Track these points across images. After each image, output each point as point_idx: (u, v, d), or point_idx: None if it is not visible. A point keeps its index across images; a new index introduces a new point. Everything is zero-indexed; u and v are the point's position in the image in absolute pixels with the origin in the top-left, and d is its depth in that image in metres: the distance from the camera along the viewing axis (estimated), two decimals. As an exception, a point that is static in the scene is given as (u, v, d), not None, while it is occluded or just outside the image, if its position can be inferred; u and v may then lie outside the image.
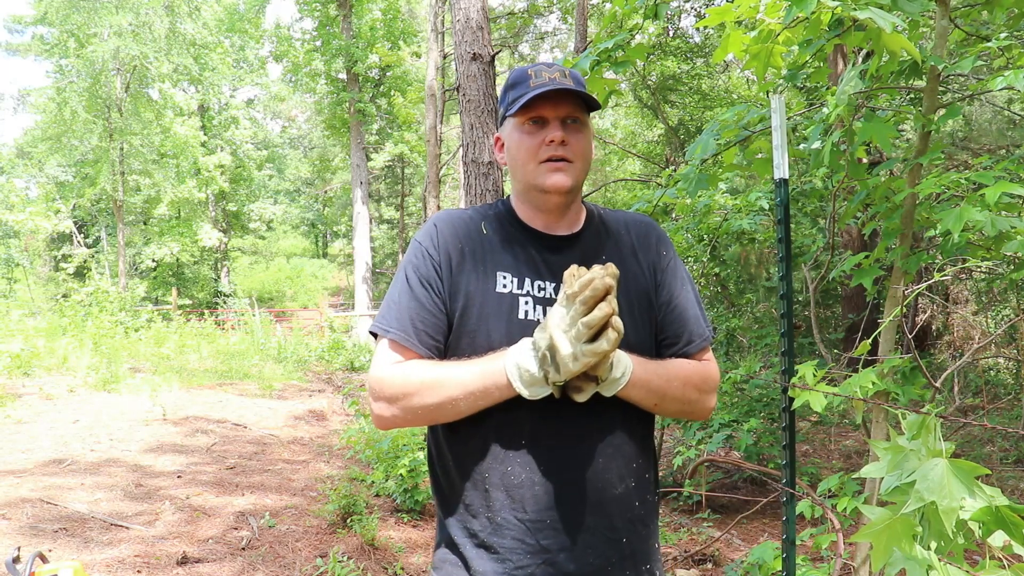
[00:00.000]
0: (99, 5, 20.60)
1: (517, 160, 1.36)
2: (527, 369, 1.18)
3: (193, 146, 23.98)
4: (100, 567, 4.00)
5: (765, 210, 4.78)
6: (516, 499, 1.27)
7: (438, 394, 1.23)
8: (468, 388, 1.22)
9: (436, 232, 1.36)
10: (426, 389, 1.24)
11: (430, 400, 1.24)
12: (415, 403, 1.25)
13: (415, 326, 1.29)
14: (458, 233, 1.36)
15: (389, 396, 1.27)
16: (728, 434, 5.01)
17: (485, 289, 1.31)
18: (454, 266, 1.33)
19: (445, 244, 1.34)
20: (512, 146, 1.36)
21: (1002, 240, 1.97)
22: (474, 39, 5.16)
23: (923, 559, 1.20)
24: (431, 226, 1.38)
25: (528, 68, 1.37)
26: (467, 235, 1.36)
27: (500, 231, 1.38)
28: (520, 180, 1.37)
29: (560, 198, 1.35)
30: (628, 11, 2.44)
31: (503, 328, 1.29)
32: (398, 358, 1.29)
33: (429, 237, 1.36)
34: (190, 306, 23.16)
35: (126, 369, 11.10)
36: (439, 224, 1.38)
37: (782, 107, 1.95)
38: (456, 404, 1.23)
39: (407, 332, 1.29)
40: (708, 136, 2.38)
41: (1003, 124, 6.78)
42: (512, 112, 1.33)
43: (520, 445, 1.28)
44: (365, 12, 19.15)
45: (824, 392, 1.90)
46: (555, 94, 1.31)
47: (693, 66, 11.94)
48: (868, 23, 1.68)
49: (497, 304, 1.30)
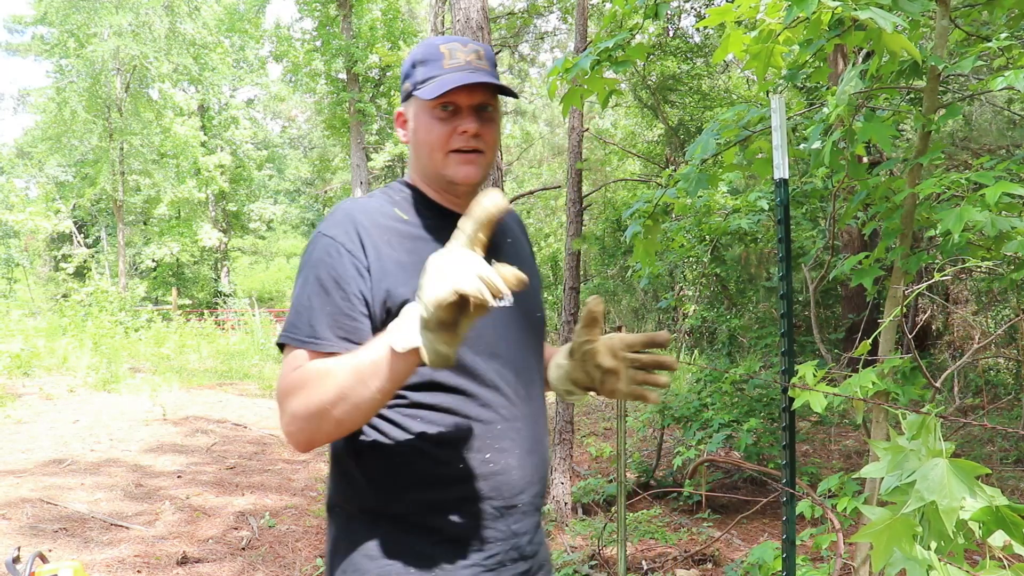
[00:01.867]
0: (99, 5, 20.60)
1: (424, 146, 1.26)
2: None
3: (193, 146, 23.98)
4: (100, 567, 4.00)
5: (765, 210, 4.79)
6: (493, 486, 1.22)
7: (340, 388, 1.07)
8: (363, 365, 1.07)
9: (352, 224, 1.20)
10: (330, 385, 1.08)
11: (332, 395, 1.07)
12: (326, 399, 1.08)
13: (335, 333, 1.14)
14: (377, 223, 1.22)
15: (297, 401, 1.11)
16: (728, 434, 5.01)
17: (418, 279, 1.18)
18: (382, 260, 1.19)
19: (365, 238, 1.19)
20: (419, 130, 1.26)
21: (1002, 240, 1.97)
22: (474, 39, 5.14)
23: (923, 559, 1.20)
24: (343, 217, 1.21)
25: (440, 43, 1.26)
26: (385, 224, 1.23)
27: (418, 216, 1.27)
28: (427, 167, 1.28)
29: (469, 188, 1.28)
30: (628, 11, 2.43)
31: None
32: (306, 361, 1.15)
33: (344, 231, 1.19)
34: (190, 306, 23.16)
35: (126, 369, 11.10)
36: (353, 215, 1.22)
37: (782, 107, 1.95)
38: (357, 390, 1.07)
39: (327, 340, 1.14)
40: (708, 136, 2.38)
41: (1003, 124, 6.78)
42: (423, 95, 1.22)
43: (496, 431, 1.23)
44: (365, 12, 19.14)
45: (824, 392, 1.90)
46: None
47: (693, 66, 11.93)
48: (869, 23, 1.68)
49: None
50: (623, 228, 2.84)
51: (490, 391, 1.24)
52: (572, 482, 5.30)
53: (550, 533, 4.84)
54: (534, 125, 24.31)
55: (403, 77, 1.32)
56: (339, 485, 1.27)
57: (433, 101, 1.23)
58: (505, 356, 1.27)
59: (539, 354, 1.37)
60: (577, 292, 5.52)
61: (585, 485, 5.43)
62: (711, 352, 10.06)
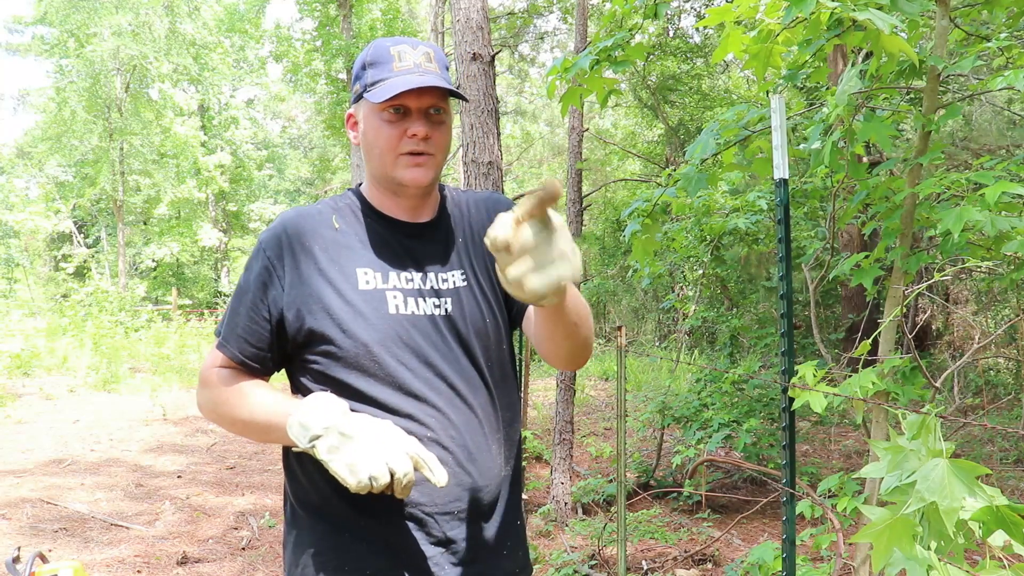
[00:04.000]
0: (99, 5, 20.60)
1: (374, 149, 1.27)
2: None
3: (193, 146, 23.98)
4: (100, 567, 4.00)
5: (764, 210, 4.78)
6: (422, 492, 1.22)
7: (235, 412, 1.24)
8: (256, 420, 1.21)
9: (282, 232, 1.26)
10: (229, 403, 1.25)
11: (228, 413, 1.25)
12: (221, 411, 1.27)
13: (235, 333, 1.26)
14: (305, 231, 1.26)
15: (203, 395, 1.29)
16: (728, 434, 5.01)
17: (344, 288, 1.23)
18: (301, 268, 1.24)
19: (289, 245, 1.25)
20: (369, 132, 1.27)
21: (1002, 240, 1.97)
22: (474, 39, 5.16)
23: (923, 559, 1.20)
24: (276, 225, 1.28)
25: (391, 45, 1.26)
26: (315, 232, 1.26)
27: (354, 223, 1.30)
28: (377, 169, 1.29)
29: (418, 191, 1.28)
30: (628, 11, 2.44)
31: (374, 326, 1.21)
32: (221, 361, 1.28)
33: (273, 238, 1.26)
34: (190, 306, 23.16)
35: (126, 369, 11.11)
36: (285, 223, 1.27)
37: (782, 107, 1.95)
38: (247, 429, 1.24)
39: (227, 340, 1.26)
40: (708, 136, 2.38)
41: (1003, 124, 6.77)
42: (372, 98, 1.23)
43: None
44: (365, 12, 19.13)
45: (824, 392, 1.90)
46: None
47: (693, 66, 11.94)
48: (867, 24, 1.68)
49: (362, 302, 1.22)
50: (623, 228, 2.83)
51: (416, 402, 1.22)
52: (572, 482, 5.29)
53: (550, 533, 4.84)
54: (534, 125, 24.31)
55: (354, 79, 1.31)
56: (287, 478, 1.32)
57: (382, 104, 1.23)
58: (438, 364, 1.25)
59: (487, 359, 1.32)
60: (577, 292, 5.51)
61: (585, 485, 5.43)
62: (711, 352, 10.06)
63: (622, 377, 3.30)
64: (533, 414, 8.57)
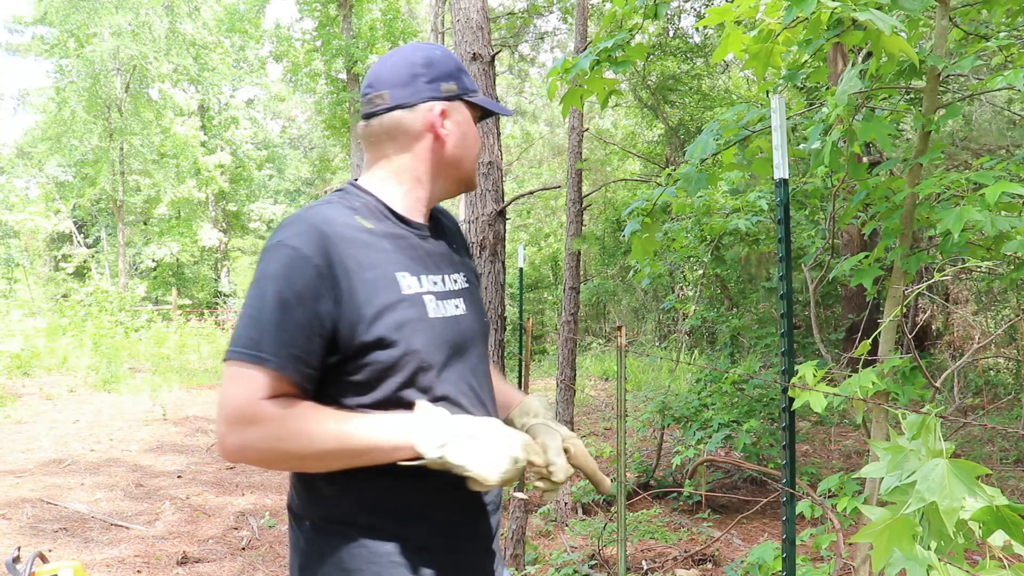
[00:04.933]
0: (99, 5, 20.59)
1: (468, 151, 1.33)
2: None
3: (193, 146, 23.96)
4: (100, 567, 4.00)
5: (765, 210, 4.78)
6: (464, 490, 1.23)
7: (313, 444, 1.08)
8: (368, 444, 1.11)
9: (323, 237, 1.13)
10: (302, 434, 1.08)
11: (300, 448, 1.08)
12: (287, 447, 1.08)
13: (289, 352, 1.09)
14: (344, 236, 1.15)
15: (252, 434, 1.06)
16: (728, 434, 5.01)
17: (389, 294, 1.16)
18: (351, 277, 1.13)
19: (336, 251, 1.13)
20: (469, 134, 1.33)
21: (1002, 240, 1.97)
22: (474, 39, 5.16)
23: (923, 559, 1.20)
24: (308, 229, 1.14)
25: (456, 58, 1.35)
26: (352, 237, 1.16)
27: (380, 225, 1.23)
28: (458, 170, 1.33)
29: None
30: (628, 11, 2.43)
31: (420, 332, 1.18)
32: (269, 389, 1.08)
33: (309, 243, 1.12)
34: (190, 306, 23.14)
35: (126, 369, 11.11)
36: (319, 226, 1.14)
37: (782, 107, 1.95)
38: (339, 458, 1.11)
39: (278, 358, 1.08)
40: (707, 136, 2.38)
41: (1003, 124, 6.77)
42: (471, 100, 1.32)
43: None
44: (365, 12, 19.13)
45: (824, 392, 1.90)
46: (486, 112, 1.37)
47: (693, 66, 11.93)
48: (867, 24, 1.68)
49: (408, 308, 1.18)
50: (623, 228, 2.84)
51: (451, 405, 1.21)
52: (572, 482, 5.29)
53: (550, 533, 4.84)
54: (534, 125, 24.30)
55: (446, 75, 1.31)
56: (302, 495, 1.23)
57: (475, 111, 1.35)
58: (467, 365, 1.28)
59: (487, 358, 1.40)
60: (577, 292, 5.52)
61: (585, 485, 5.43)
62: (711, 352, 10.06)
63: (622, 377, 3.30)
64: (533, 414, 8.55)
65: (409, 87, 1.27)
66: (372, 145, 1.31)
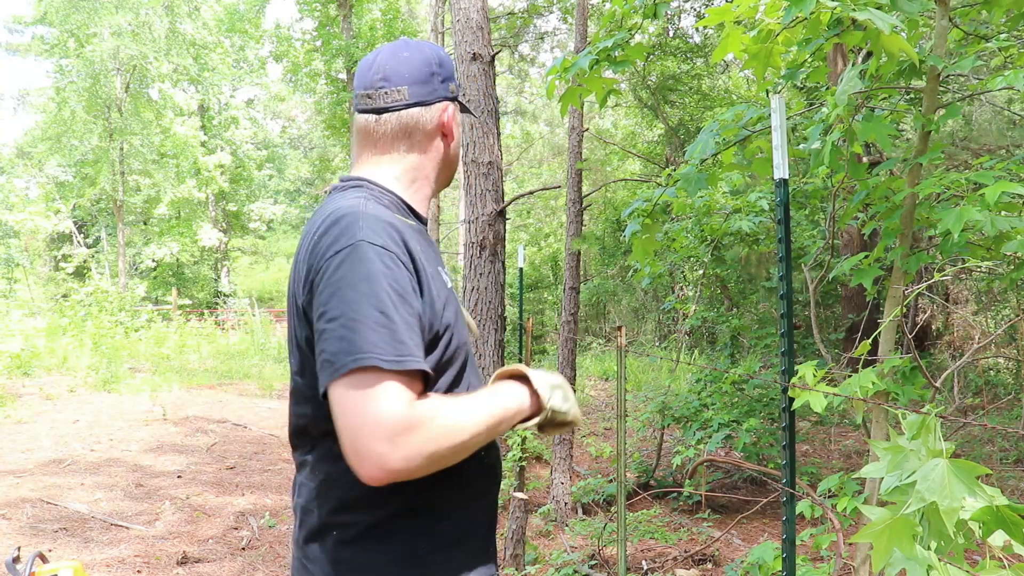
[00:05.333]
0: (99, 5, 20.59)
1: (459, 150, 1.37)
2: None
3: (193, 146, 23.96)
4: (100, 567, 4.00)
5: (765, 210, 4.78)
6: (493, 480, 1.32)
7: (471, 430, 1.08)
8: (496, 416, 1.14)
9: (397, 233, 1.13)
10: (459, 426, 1.06)
11: (463, 438, 1.07)
12: (453, 441, 1.05)
13: (419, 347, 1.07)
14: (403, 229, 1.16)
15: (417, 440, 1.01)
16: (728, 434, 5.01)
17: (440, 287, 1.20)
18: (420, 270, 1.14)
19: (412, 248, 1.14)
20: (458, 134, 1.36)
21: (1002, 240, 1.97)
22: (474, 39, 5.16)
23: (923, 559, 1.20)
24: (383, 226, 1.12)
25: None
26: (408, 231, 1.18)
27: (410, 222, 1.24)
28: (452, 168, 1.36)
29: None
30: (627, 11, 2.43)
31: (462, 325, 1.24)
32: (412, 388, 1.04)
33: (391, 240, 1.11)
34: (190, 306, 23.14)
35: (126, 369, 11.10)
36: (387, 220, 1.14)
37: (782, 107, 1.95)
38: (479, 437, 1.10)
39: (416, 357, 1.05)
40: (707, 136, 2.38)
41: (1003, 124, 6.77)
42: (462, 100, 1.35)
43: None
44: (365, 12, 19.13)
45: (824, 392, 1.90)
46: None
47: (693, 66, 11.93)
48: (867, 23, 1.68)
49: (453, 301, 1.23)
50: (623, 228, 2.84)
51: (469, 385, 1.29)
52: (572, 482, 5.29)
53: (550, 533, 4.84)
54: (534, 125, 24.30)
55: (452, 75, 1.32)
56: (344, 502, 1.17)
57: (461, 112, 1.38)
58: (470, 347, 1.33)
59: None
60: (577, 292, 5.52)
61: (585, 485, 5.43)
62: (711, 352, 10.06)
63: (622, 377, 3.30)
64: (533, 414, 8.56)
65: (428, 85, 1.28)
66: (381, 141, 1.27)
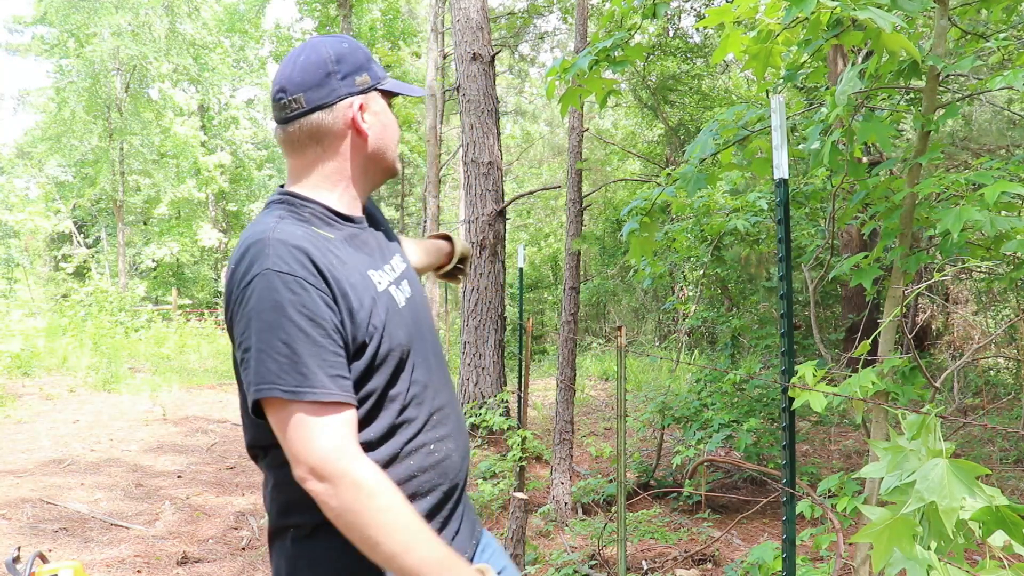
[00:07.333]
0: (99, 5, 20.58)
1: (389, 140, 1.32)
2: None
3: (193, 146, 23.97)
4: (100, 567, 4.00)
5: (764, 210, 4.78)
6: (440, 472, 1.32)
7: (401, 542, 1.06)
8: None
9: (300, 254, 1.11)
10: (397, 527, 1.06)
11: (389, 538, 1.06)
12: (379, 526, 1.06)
13: (327, 373, 1.08)
14: (321, 249, 1.15)
15: (346, 498, 1.05)
16: (728, 434, 5.01)
17: (369, 294, 1.19)
18: (333, 285, 1.13)
19: (317, 265, 1.12)
20: (388, 124, 1.31)
21: (1002, 240, 1.97)
22: (474, 39, 5.16)
23: (923, 559, 1.20)
24: (287, 250, 1.11)
25: (362, 46, 1.32)
26: (323, 246, 1.16)
27: (334, 231, 1.24)
28: (382, 160, 1.32)
29: None
30: (627, 11, 2.43)
31: (399, 325, 1.23)
32: (348, 427, 1.09)
33: (296, 263, 1.10)
34: (190, 306, 23.15)
35: (126, 369, 11.11)
36: (294, 243, 1.13)
37: (782, 107, 1.95)
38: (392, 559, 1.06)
39: (324, 387, 1.07)
40: (707, 136, 2.38)
41: (1003, 124, 6.77)
42: (384, 87, 1.30)
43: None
44: (365, 12, 19.14)
45: (824, 392, 1.90)
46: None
47: (693, 66, 11.93)
48: (867, 23, 1.68)
49: (385, 303, 1.21)
50: (623, 228, 2.84)
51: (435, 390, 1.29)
52: (572, 482, 5.29)
53: (550, 533, 4.84)
54: (534, 125, 24.30)
55: (357, 68, 1.28)
56: (290, 505, 1.23)
57: (388, 97, 1.32)
58: (424, 337, 1.31)
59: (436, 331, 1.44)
60: (577, 292, 5.51)
61: (585, 485, 5.42)
62: (711, 352, 10.05)
63: (622, 377, 3.30)
64: (533, 414, 8.57)
65: (324, 87, 1.24)
66: (295, 150, 1.27)
